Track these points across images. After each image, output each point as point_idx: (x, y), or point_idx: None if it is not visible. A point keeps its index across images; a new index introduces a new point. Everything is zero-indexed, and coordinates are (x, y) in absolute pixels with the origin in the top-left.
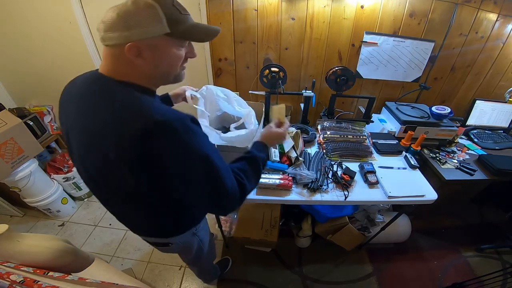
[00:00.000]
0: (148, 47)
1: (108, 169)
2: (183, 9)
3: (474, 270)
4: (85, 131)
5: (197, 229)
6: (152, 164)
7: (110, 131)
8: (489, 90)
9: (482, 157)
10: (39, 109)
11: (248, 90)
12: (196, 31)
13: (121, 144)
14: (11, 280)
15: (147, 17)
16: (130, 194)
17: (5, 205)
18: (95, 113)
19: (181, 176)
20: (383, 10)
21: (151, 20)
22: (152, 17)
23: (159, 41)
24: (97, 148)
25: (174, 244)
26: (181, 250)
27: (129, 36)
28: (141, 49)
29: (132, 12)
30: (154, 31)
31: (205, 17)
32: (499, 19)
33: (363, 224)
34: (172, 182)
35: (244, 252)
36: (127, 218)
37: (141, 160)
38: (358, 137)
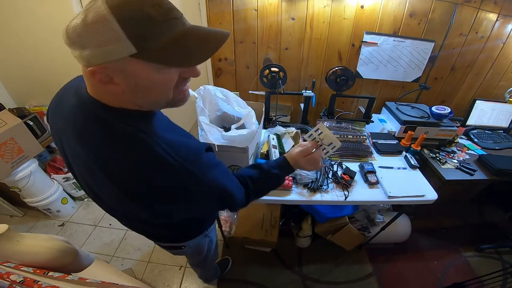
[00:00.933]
0: (115, 71)
1: (114, 199)
2: (166, 12)
3: (474, 270)
4: (86, 162)
5: (208, 230)
6: (164, 199)
7: (114, 169)
8: (489, 90)
9: (482, 157)
10: (39, 109)
11: (248, 90)
12: (183, 48)
13: (130, 184)
14: (11, 280)
15: (99, 33)
16: (139, 219)
17: (5, 205)
18: (96, 149)
19: (195, 205)
20: (383, 10)
21: (105, 37)
22: (105, 33)
23: (126, 65)
24: (102, 182)
25: (187, 247)
26: (192, 252)
27: (87, 57)
28: (109, 74)
29: (82, 27)
30: (114, 53)
31: (205, 17)
32: (499, 19)
33: (363, 224)
34: (185, 210)
35: (244, 252)
36: (135, 229)
37: (153, 196)
38: (358, 137)
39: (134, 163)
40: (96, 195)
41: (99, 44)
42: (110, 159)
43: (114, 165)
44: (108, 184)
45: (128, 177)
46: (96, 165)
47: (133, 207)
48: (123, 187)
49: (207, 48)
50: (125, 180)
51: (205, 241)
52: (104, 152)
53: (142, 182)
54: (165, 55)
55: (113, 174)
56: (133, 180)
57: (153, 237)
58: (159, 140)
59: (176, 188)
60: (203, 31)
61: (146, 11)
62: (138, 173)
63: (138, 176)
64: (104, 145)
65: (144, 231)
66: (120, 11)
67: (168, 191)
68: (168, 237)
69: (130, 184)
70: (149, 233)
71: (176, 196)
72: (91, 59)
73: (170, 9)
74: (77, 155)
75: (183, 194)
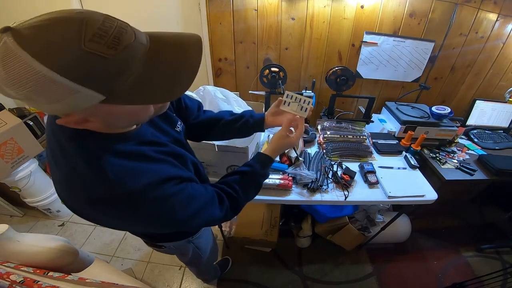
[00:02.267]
0: (88, 115)
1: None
2: (113, 42)
3: (474, 270)
4: (59, 182)
5: (193, 238)
6: (133, 222)
7: (77, 193)
8: (489, 90)
9: (482, 157)
10: None
11: (248, 90)
12: (156, 79)
13: (90, 208)
14: (11, 280)
15: (51, 92)
16: None
17: (5, 205)
18: (65, 167)
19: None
20: (383, 10)
21: (60, 93)
22: (58, 90)
23: (97, 109)
24: (71, 201)
25: (167, 248)
26: (175, 252)
27: (49, 110)
28: (81, 117)
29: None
30: (78, 102)
31: (205, 17)
32: (499, 19)
33: (363, 224)
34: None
35: (244, 252)
36: None
37: (119, 220)
38: (358, 137)
39: (78, 182)
40: None
41: (56, 99)
42: (62, 173)
43: (64, 180)
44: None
45: (72, 195)
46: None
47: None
48: (72, 205)
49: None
50: (70, 198)
51: (188, 247)
52: (61, 166)
53: (86, 206)
54: (137, 95)
55: (65, 190)
56: (80, 202)
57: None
58: (111, 164)
59: (125, 217)
60: (171, 39)
61: (87, 49)
62: (81, 196)
63: (81, 198)
64: (57, 160)
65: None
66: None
67: (117, 218)
68: (146, 235)
69: (75, 203)
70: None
71: (125, 222)
72: (54, 111)
73: (117, 36)
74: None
75: (132, 221)
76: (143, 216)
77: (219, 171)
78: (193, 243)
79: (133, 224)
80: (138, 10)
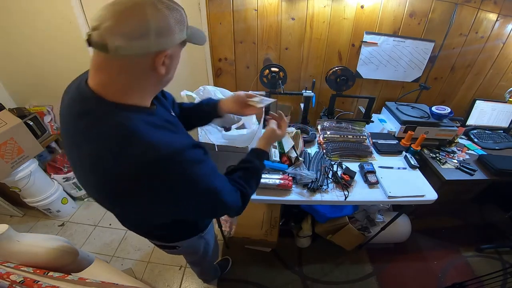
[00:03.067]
0: (170, 55)
1: (111, 197)
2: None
3: (474, 270)
4: (87, 159)
5: (204, 232)
6: (156, 196)
7: (112, 164)
8: (489, 90)
9: (482, 157)
10: (39, 109)
11: (248, 90)
12: (196, 33)
13: (124, 178)
14: (11, 280)
15: (177, 22)
16: (136, 217)
17: (5, 205)
18: (97, 143)
19: (186, 205)
20: (383, 10)
21: (179, 25)
22: (180, 22)
23: (176, 47)
24: (101, 180)
25: (181, 247)
26: (187, 252)
27: (161, 43)
28: (167, 57)
29: (164, 18)
30: (180, 37)
31: (205, 17)
32: (499, 19)
33: (363, 224)
34: (176, 210)
35: (244, 252)
36: (134, 227)
37: (145, 192)
38: (358, 137)
39: (113, 157)
40: (97, 201)
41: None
42: (93, 151)
43: (95, 157)
44: (91, 179)
45: (108, 172)
46: (81, 157)
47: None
48: (104, 183)
49: (202, 39)
50: (106, 175)
51: (200, 243)
52: (89, 144)
53: (120, 178)
54: (193, 38)
55: (95, 168)
56: (112, 175)
57: (147, 235)
58: (143, 135)
59: (157, 185)
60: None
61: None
62: (115, 167)
63: (115, 171)
64: (90, 137)
65: (138, 229)
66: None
67: (149, 188)
68: (161, 236)
69: (110, 180)
70: (142, 232)
71: (157, 193)
72: (165, 44)
73: None
74: (70, 144)
75: (164, 192)
76: (183, 181)
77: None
78: (204, 239)
79: (172, 196)
80: None
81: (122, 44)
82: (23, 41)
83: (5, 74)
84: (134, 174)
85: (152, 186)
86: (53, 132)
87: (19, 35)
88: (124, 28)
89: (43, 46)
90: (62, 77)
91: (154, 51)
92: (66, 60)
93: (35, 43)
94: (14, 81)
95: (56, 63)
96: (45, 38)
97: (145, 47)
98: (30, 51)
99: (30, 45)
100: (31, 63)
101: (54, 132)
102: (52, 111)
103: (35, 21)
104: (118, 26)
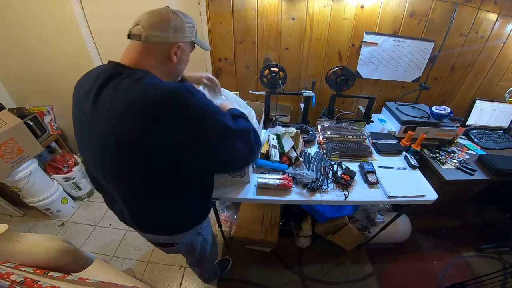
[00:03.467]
0: (182, 48)
1: (126, 150)
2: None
3: (474, 270)
4: (102, 115)
5: (201, 228)
6: (168, 132)
7: (129, 107)
8: (489, 90)
9: (482, 157)
10: (39, 109)
11: (248, 90)
12: (202, 42)
13: (137, 118)
14: (11, 280)
15: (189, 27)
16: (146, 177)
17: (5, 205)
18: (125, 94)
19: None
20: (383, 10)
21: (191, 29)
22: (191, 27)
23: (187, 45)
24: (115, 130)
25: (180, 244)
26: (185, 250)
27: (177, 37)
28: (179, 49)
29: (181, 21)
30: (190, 37)
31: (205, 17)
32: (499, 19)
33: (363, 224)
34: (190, 149)
35: (244, 252)
36: (137, 214)
37: (159, 130)
38: (358, 137)
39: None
40: (109, 172)
41: (187, 31)
42: (120, 102)
43: (122, 107)
44: (120, 129)
45: (138, 106)
46: (111, 105)
47: (138, 152)
48: (129, 132)
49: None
50: (131, 119)
51: (198, 239)
52: (117, 97)
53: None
54: (199, 43)
55: (123, 117)
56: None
57: (148, 227)
58: (162, 84)
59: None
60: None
61: (195, 25)
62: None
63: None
64: (118, 91)
65: (139, 217)
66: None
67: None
68: (162, 227)
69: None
70: (143, 220)
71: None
72: (179, 38)
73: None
74: (90, 121)
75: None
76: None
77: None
78: (202, 235)
79: (198, 134)
80: (138, 9)
81: (150, 34)
82: (23, 41)
83: (5, 74)
84: (157, 105)
85: (168, 120)
86: (53, 132)
87: (19, 35)
88: (153, 24)
89: (43, 46)
90: (62, 77)
91: (171, 42)
92: (66, 60)
93: (35, 43)
94: (14, 81)
95: (56, 63)
96: (45, 38)
97: (165, 38)
98: (30, 51)
99: (30, 45)
100: (31, 63)
101: (54, 132)
102: (52, 111)
103: (35, 21)
104: (149, 23)
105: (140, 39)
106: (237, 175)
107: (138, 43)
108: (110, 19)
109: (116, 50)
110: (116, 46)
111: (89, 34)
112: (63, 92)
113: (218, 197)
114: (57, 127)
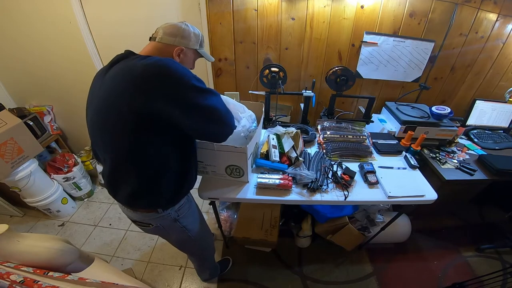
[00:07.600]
0: (185, 52)
1: (120, 116)
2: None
3: (474, 270)
4: (106, 82)
5: (179, 215)
6: (154, 91)
7: (126, 74)
8: (489, 90)
9: (482, 157)
10: (39, 109)
11: (248, 90)
12: (207, 53)
13: (131, 80)
14: (11, 280)
15: (194, 37)
16: (134, 141)
17: (5, 205)
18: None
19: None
20: (383, 10)
21: (195, 39)
22: (196, 37)
23: (189, 51)
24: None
25: (154, 226)
26: (161, 234)
27: (182, 42)
28: (182, 52)
29: (188, 32)
30: (194, 45)
31: (205, 17)
32: (499, 19)
33: (363, 224)
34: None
35: (244, 252)
36: (121, 179)
37: (146, 90)
38: (358, 137)
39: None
40: (104, 134)
41: (192, 40)
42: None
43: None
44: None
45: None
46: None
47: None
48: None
49: (209, 58)
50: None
51: (174, 226)
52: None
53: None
54: (202, 53)
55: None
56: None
57: (133, 200)
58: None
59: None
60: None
61: (203, 40)
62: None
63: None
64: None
65: (120, 187)
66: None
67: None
68: (145, 194)
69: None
70: (129, 186)
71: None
72: (183, 43)
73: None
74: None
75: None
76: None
77: (218, 170)
78: (179, 223)
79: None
80: (138, 9)
81: (163, 37)
82: (23, 41)
83: (5, 74)
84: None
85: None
86: (53, 132)
87: (19, 35)
88: (167, 31)
89: (43, 46)
90: (62, 77)
91: (176, 45)
92: (66, 60)
93: (35, 43)
94: (14, 81)
95: (56, 63)
96: (45, 39)
97: (173, 41)
98: (30, 52)
99: (30, 46)
100: (31, 63)
101: (54, 132)
102: (52, 111)
103: (35, 21)
104: (164, 30)
105: (155, 40)
106: (236, 175)
107: (153, 43)
108: (110, 19)
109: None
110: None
111: (89, 34)
112: (63, 92)
113: (217, 197)
114: (57, 127)
